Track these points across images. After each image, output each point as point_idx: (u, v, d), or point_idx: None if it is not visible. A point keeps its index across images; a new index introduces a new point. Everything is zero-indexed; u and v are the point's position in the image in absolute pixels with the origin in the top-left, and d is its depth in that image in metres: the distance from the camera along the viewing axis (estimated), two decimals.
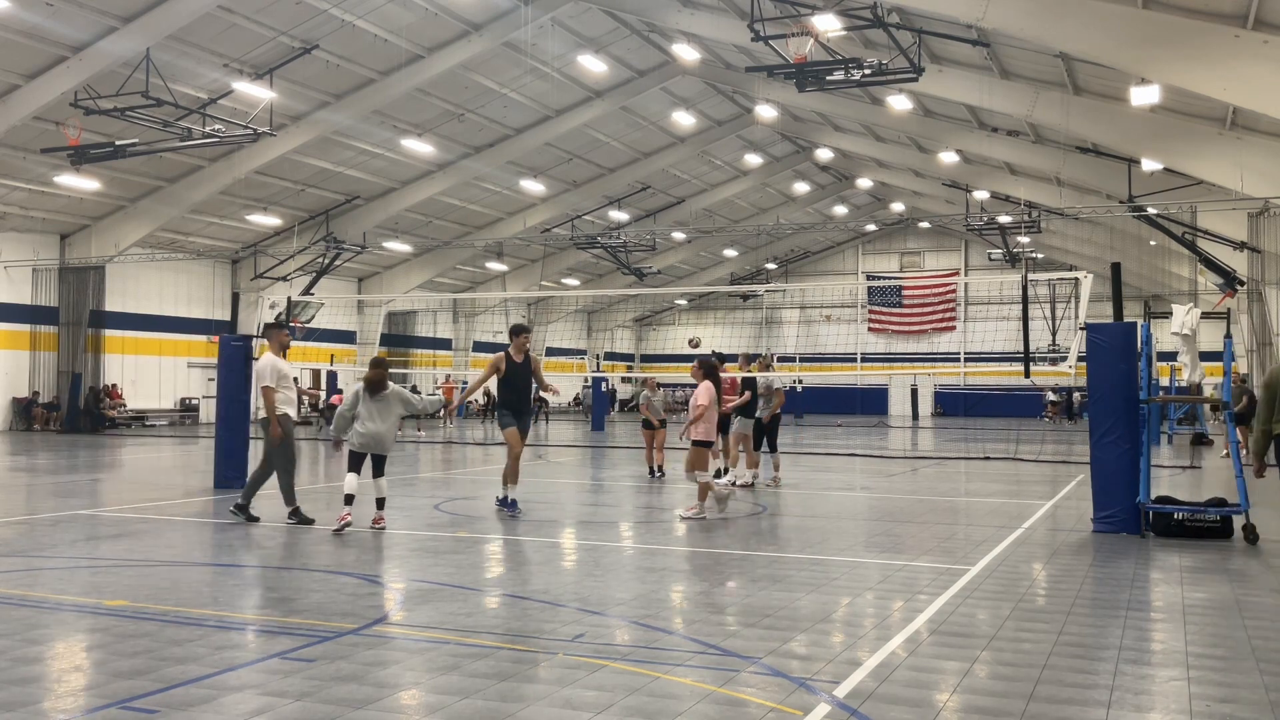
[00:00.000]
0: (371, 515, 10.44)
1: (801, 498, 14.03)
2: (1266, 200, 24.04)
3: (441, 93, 29.51)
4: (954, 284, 54.55)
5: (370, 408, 10.36)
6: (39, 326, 31.62)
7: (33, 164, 26.81)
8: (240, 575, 8.06)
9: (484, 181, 36.23)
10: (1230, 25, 17.30)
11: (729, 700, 4.89)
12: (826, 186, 47.65)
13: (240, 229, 35.24)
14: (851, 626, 6.48)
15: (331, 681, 5.11)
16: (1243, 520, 9.88)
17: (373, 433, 10.32)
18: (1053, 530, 10.68)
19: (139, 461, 19.73)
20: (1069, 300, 49.09)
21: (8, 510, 11.89)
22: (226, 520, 11.05)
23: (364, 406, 10.39)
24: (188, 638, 5.93)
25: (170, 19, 22.40)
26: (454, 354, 48.70)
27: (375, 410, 10.35)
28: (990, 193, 37.12)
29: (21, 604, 6.80)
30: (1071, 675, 5.35)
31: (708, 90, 34.75)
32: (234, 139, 24.73)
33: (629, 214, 41.37)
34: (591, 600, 7.11)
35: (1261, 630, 6.37)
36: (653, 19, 27.16)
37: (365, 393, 10.40)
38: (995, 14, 18.55)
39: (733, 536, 10.38)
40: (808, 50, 19.78)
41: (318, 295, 32.95)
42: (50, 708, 4.72)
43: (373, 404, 10.36)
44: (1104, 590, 7.61)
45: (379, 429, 10.33)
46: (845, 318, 57.06)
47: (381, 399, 10.39)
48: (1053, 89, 24.62)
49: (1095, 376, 10.86)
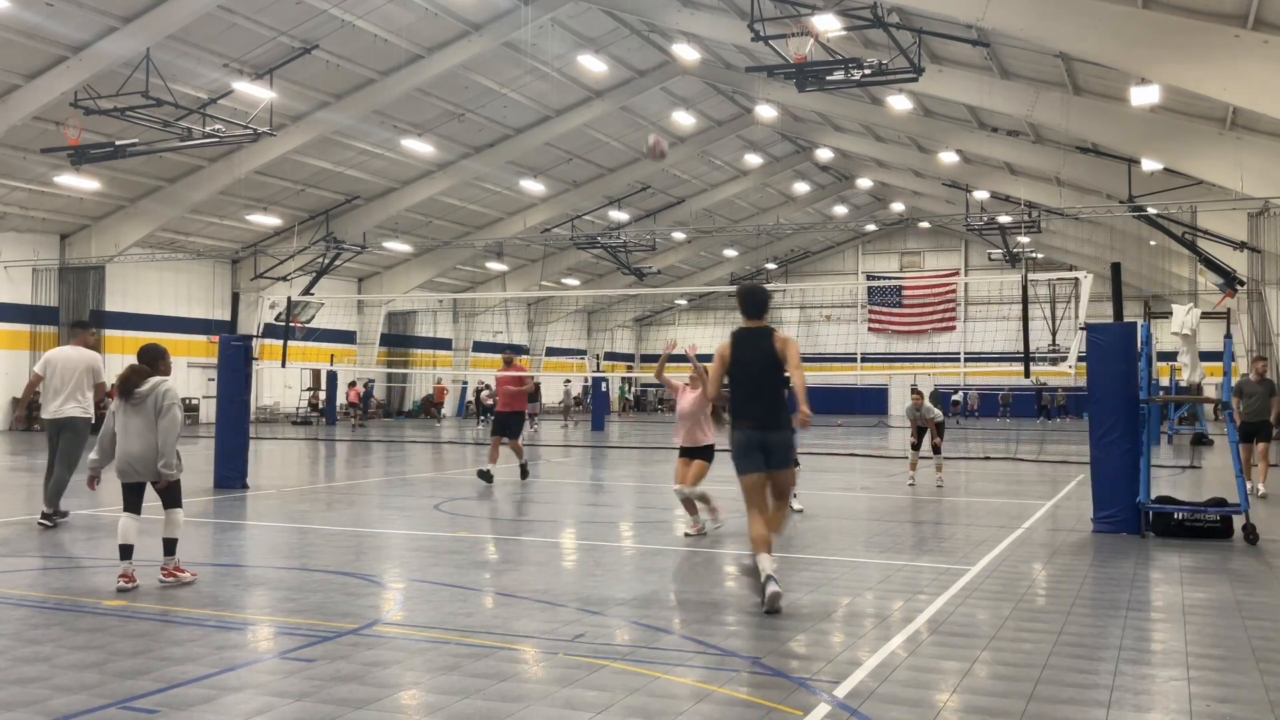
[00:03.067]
0: (162, 563, 7.63)
1: (801, 498, 14.03)
2: (1266, 200, 24.05)
3: (441, 93, 29.52)
4: (954, 284, 54.58)
5: (123, 419, 7.54)
6: (39, 326, 31.61)
7: (33, 164, 26.81)
8: (240, 575, 8.06)
9: (484, 181, 36.23)
10: (1230, 25, 17.30)
11: (729, 700, 4.89)
12: (826, 186, 47.66)
13: (240, 229, 35.24)
14: (851, 626, 6.48)
15: (331, 681, 5.11)
16: (1243, 520, 9.88)
17: (126, 453, 7.50)
18: (1053, 530, 10.67)
19: None
20: (1069, 300, 49.11)
21: (8, 510, 11.89)
22: (227, 520, 11.05)
23: (117, 417, 7.60)
24: (188, 638, 5.93)
25: (170, 19, 22.40)
26: (454, 354, 48.69)
27: (129, 422, 7.52)
28: (990, 193, 37.12)
29: (21, 604, 6.80)
30: (1071, 675, 5.34)
31: (708, 90, 34.75)
32: (234, 139, 24.73)
33: (629, 214, 41.37)
34: (591, 600, 7.11)
35: (1261, 630, 6.37)
36: (653, 19, 27.16)
37: (120, 398, 7.55)
38: (995, 14, 18.55)
39: (733, 536, 10.38)
40: (808, 50, 19.79)
41: (318, 295, 32.96)
42: (50, 708, 4.72)
43: (127, 413, 7.53)
44: (1104, 590, 7.61)
45: (132, 448, 7.49)
46: (845, 318, 57.06)
47: (138, 405, 7.51)
48: (1053, 89, 24.62)
49: (1095, 376, 10.86)
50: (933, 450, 15.35)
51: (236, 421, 14.50)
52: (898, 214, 48.60)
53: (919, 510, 12.51)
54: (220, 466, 14.28)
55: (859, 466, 19.66)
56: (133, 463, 7.48)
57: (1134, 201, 26.72)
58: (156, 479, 7.52)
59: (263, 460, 19.24)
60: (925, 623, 6.46)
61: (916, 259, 56.87)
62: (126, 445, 7.48)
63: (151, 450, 7.45)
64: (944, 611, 6.78)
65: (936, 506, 12.96)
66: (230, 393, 14.61)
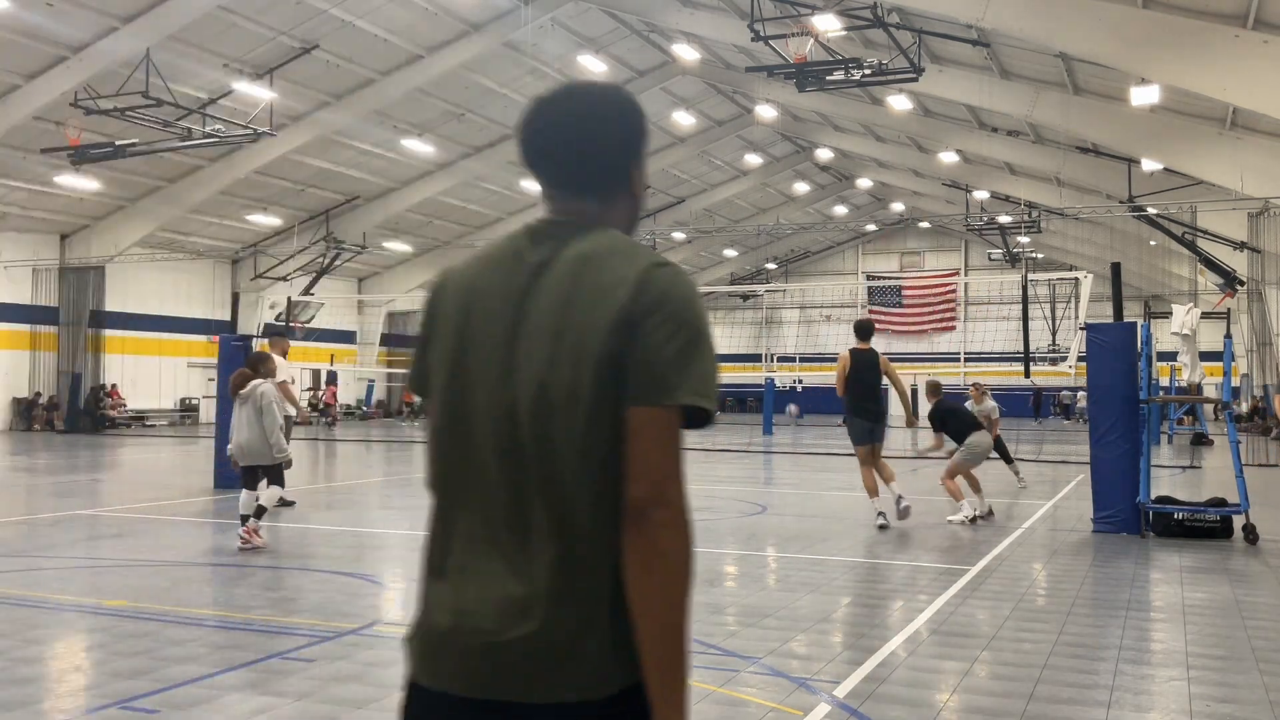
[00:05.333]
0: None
1: (801, 498, 14.05)
2: (1266, 200, 24.04)
3: (441, 93, 29.51)
4: (954, 284, 54.49)
5: (236, 414, 9.34)
6: (39, 326, 31.60)
7: (33, 164, 26.79)
8: (240, 575, 8.06)
9: (484, 181, 36.22)
10: (1230, 25, 17.30)
11: (729, 700, 4.89)
12: (826, 186, 47.65)
13: (240, 229, 35.23)
14: (851, 626, 6.48)
15: (331, 681, 5.11)
16: (1243, 520, 9.87)
17: (237, 442, 9.28)
18: (1053, 530, 10.67)
19: (139, 461, 19.73)
20: (1069, 300, 49.09)
21: (8, 510, 11.88)
22: (226, 520, 11.05)
23: (233, 412, 9.46)
24: (188, 638, 5.93)
25: (170, 19, 22.38)
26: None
27: (240, 416, 9.28)
28: (990, 193, 37.11)
29: (21, 604, 6.80)
30: (1071, 675, 5.34)
31: (708, 90, 34.75)
32: (234, 139, 24.71)
33: None
34: None
35: (1261, 630, 6.37)
36: (653, 19, 27.15)
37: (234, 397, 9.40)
38: (995, 14, 18.54)
39: (733, 536, 10.38)
40: (808, 50, 19.79)
41: (318, 295, 32.93)
42: (50, 708, 4.72)
43: (238, 409, 9.31)
44: (1104, 590, 7.61)
45: (242, 437, 9.23)
46: (845, 318, 56.99)
47: (243, 403, 9.25)
48: (1053, 89, 24.62)
49: (1095, 376, 10.86)
50: (1001, 453, 14.60)
51: None
52: (898, 214, 48.58)
53: (919, 510, 12.49)
54: (220, 466, 14.25)
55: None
56: (243, 448, 9.16)
57: (1134, 201, 26.71)
58: (270, 462, 9.18)
59: None
60: (925, 623, 6.46)
61: (916, 259, 56.84)
62: (238, 435, 9.19)
63: (257, 439, 9.10)
64: (944, 612, 6.78)
65: (937, 507, 12.94)
66: (230, 393, 14.58)
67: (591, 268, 1.67)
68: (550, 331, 1.65)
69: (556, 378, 1.63)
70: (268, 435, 9.14)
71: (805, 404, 48.26)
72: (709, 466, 19.63)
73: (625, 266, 1.66)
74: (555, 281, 1.68)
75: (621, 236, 1.76)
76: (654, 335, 1.61)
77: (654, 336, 1.60)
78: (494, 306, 1.71)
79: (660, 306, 1.62)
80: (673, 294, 1.64)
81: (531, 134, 1.83)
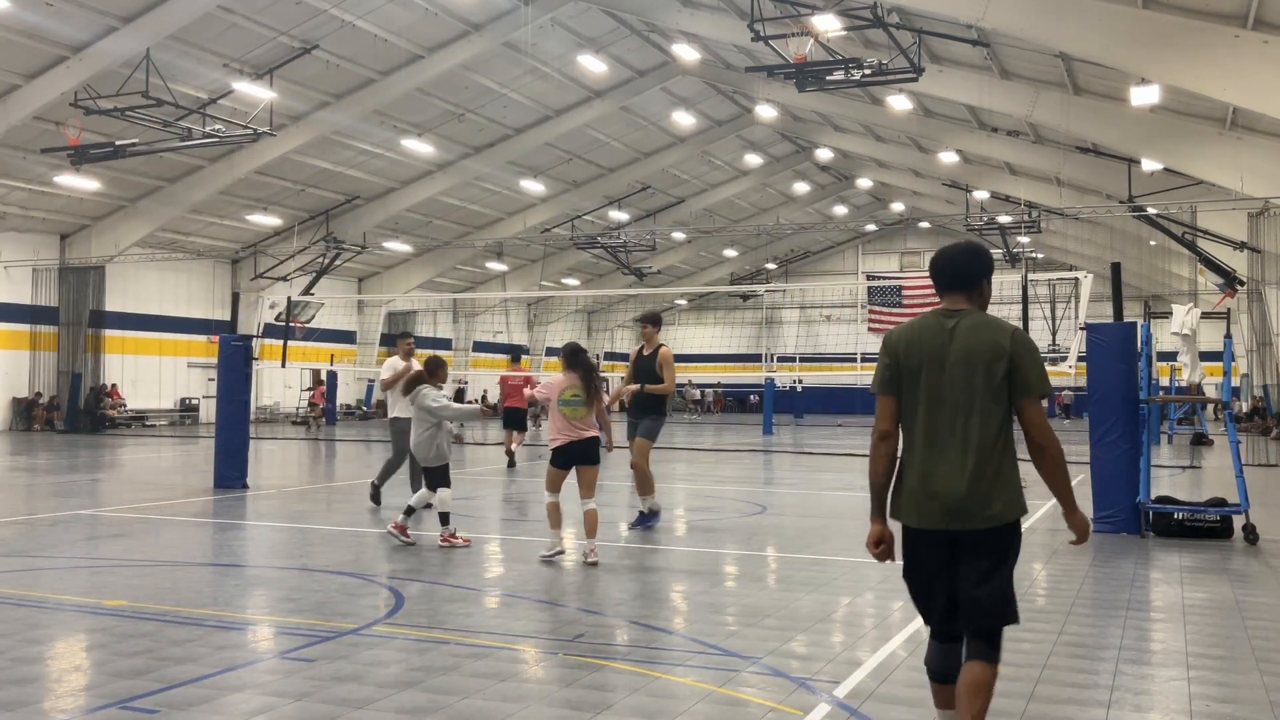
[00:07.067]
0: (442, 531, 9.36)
1: (801, 498, 14.05)
2: (1266, 200, 24.03)
3: (441, 93, 29.51)
4: None
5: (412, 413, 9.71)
6: (39, 326, 31.58)
7: (33, 164, 26.79)
8: (240, 575, 8.06)
9: (484, 181, 36.21)
10: (1230, 25, 17.30)
11: (729, 700, 4.89)
12: (826, 186, 47.64)
13: (240, 229, 35.23)
14: (851, 626, 6.48)
15: (331, 681, 5.11)
16: (1243, 520, 9.88)
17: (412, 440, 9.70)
18: (1053, 530, 10.67)
19: (139, 461, 19.73)
20: (1069, 300, 49.06)
21: (8, 510, 11.88)
22: (226, 520, 11.05)
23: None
24: (188, 638, 5.93)
25: (170, 19, 22.38)
26: (454, 354, 48.67)
27: (412, 414, 9.69)
28: (990, 193, 37.10)
29: (21, 604, 6.80)
30: (1071, 675, 5.34)
31: (708, 90, 34.74)
32: (234, 139, 24.69)
33: (629, 214, 41.35)
34: (591, 600, 7.11)
35: (1261, 630, 6.37)
36: (653, 19, 27.15)
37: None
38: (995, 14, 18.54)
39: (733, 536, 10.38)
40: (808, 50, 19.77)
41: (318, 295, 32.91)
42: (50, 708, 4.72)
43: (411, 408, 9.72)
44: (1104, 590, 7.61)
45: (412, 436, 9.66)
46: (845, 318, 57.02)
47: (411, 404, 9.69)
48: (1053, 89, 24.62)
49: (1095, 376, 10.86)
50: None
51: (237, 421, 14.49)
52: (898, 214, 48.56)
53: None
54: (220, 466, 14.28)
55: (859, 466, 19.64)
56: (412, 447, 9.58)
57: (1134, 201, 26.70)
58: (429, 465, 9.44)
59: (262, 460, 19.22)
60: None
61: (916, 259, 56.80)
62: (412, 433, 9.59)
63: (421, 439, 9.40)
64: None
65: None
66: (230, 393, 14.60)
67: (979, 328, 3.73)
68: (964, 361, 3.70)
69: (970, 383, 3.71)
70: (424, 440, 9.38)
71: (806, 404, 48.32)
72: (709, 466, 19.64)
73: (999, 327, 3.74)
74: (962, 335, 3.72)
75: (988, 314, 3.79)
76: (1023, 360, 3.68)
77: (1023, 361, 3.68)
78: (931, 347, 3.75)
79: (1024, 347, 3.69)
80: (1026, 341, 3.70)
81: (943, 262, 3.85)
